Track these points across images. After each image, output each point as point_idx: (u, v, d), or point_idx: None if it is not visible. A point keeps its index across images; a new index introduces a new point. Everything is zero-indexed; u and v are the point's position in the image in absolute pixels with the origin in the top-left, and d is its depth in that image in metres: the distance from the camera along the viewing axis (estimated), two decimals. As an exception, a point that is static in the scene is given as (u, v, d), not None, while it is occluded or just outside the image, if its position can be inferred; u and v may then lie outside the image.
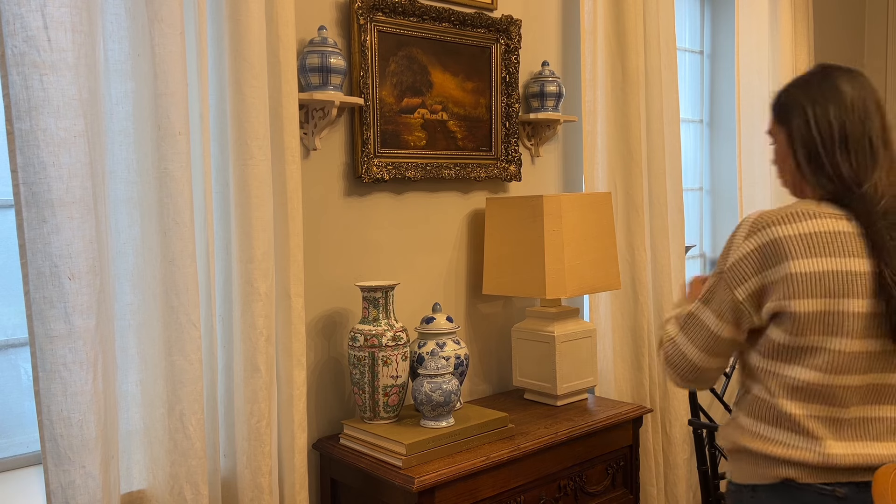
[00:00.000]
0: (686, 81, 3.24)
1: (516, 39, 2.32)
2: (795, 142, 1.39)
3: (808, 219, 1.32)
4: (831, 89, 1.38)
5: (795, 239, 1.30)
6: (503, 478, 1.82)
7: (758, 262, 1.32)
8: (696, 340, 1.40)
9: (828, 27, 3.67)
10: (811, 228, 1.31)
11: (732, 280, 1.35)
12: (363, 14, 1.99)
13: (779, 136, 1.45)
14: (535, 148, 2.48)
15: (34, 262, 1.32)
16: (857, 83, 1.39)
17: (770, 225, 1.32)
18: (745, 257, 1.33)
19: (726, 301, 1.36)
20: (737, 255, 1.34)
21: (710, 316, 1.38)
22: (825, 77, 1.41)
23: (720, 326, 1.37)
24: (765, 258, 1.32)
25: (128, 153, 1.51)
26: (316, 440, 1.96)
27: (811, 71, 1.45)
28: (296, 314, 1.77)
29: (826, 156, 1.35)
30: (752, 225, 1.35)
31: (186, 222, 1.52)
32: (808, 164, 1.37)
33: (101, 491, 1.38)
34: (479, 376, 2.34)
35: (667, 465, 2.65)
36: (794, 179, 1.44)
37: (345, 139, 2.04)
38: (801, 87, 1.41)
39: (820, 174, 1.36)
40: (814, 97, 1.38)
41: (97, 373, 1.38)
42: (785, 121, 1.41)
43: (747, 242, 1.34)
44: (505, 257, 2.15)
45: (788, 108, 1.41)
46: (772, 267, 1.31)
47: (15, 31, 1.28)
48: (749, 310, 1.35)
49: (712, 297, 1.38)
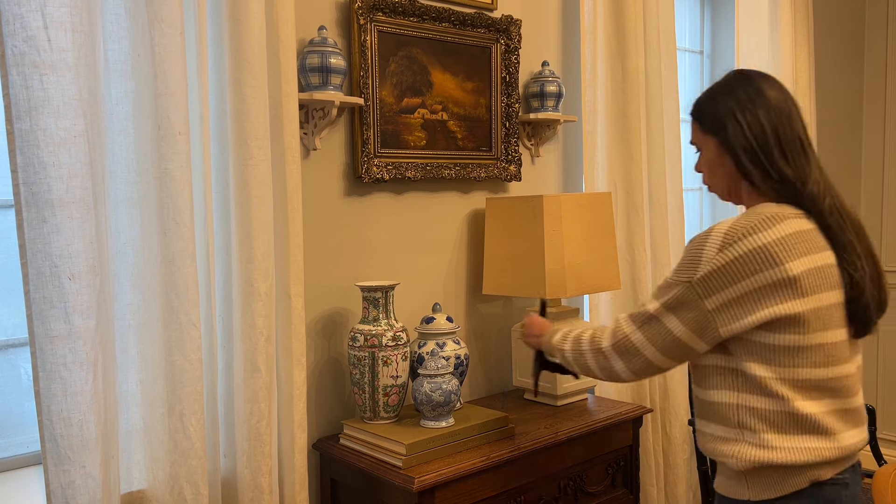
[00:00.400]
0: (686, 81, 3.24)
1: (516, 39, 2.32)
2: (733, 148, 1.42)
3: (780, 221, 1.34)
4: (757, 94, 1.41)
5: (781, 242, 1.32)
6: (503, 478, 1.82)
7: (736, 272, 1.32)
8: (656, 342, 1.41)
9: (828, 27, 3.67)
10: (789, 229, 1.34)
11: (704, 291, 1.34)
12: (363, 14, 1.99)
13: (707, 145, 1.47)
14: (535, 148, 2.48)
15: (34, 262, 1.32)
16: (776, 86, 1.44)
17: (748, 234, 1.33)
18: (719, 269, 1.33)
19: (693, 311, 1.36)
20: (709, 268, 1.34)
21: (674, 322, 1.38)
22: (748, 82, 1.44)
23: (683, 333, 1.38)
24: (746, 267, 1.32)
25: (128, 153, 1.51)
26: (316, 440, 1.96)
27: (730, 78, 1.48)
28: (296, 314, 1.77)
29: (766, 159, 1.39)
30: (724, 237, 1.34)
31: (186, 222, 1.52)
32: (753, 166, 1.40)
33: (101, 491, 1.38)
34: (479, 376, 2.34)
35: (667, 465, 2.65)
36: (728, 185, 1.47)
37: (345, 139, 2.04)
38: (726, 94, 1.44)
39: (766, 177, 1.39)
40: (742, 103, 1.41)
41: (97, 373, 1.38)
42: (715, 129, 1.44)
43: (722, 255, 1.33)
44: (505, 257, 2.15)
45: (718, 116, 1.43)
46: (757, 273, 1.32)
47: (15, 31, 1.28)
48: (717, 321, 1.35)
49: (678, 305, 1.37)
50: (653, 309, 1.41)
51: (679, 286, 1.37)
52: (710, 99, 1.47)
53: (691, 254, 1.38)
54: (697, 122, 1.50)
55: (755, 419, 1.36)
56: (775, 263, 1.31)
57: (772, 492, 1.37)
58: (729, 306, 1.33)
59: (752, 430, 1.37)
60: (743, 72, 1.49)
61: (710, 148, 1.47)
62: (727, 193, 1.50)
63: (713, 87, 1.50)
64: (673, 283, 1.39)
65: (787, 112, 1.42)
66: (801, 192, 1.38)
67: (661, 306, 1.40)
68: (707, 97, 1.48)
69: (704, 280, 1.34)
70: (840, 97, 3.83)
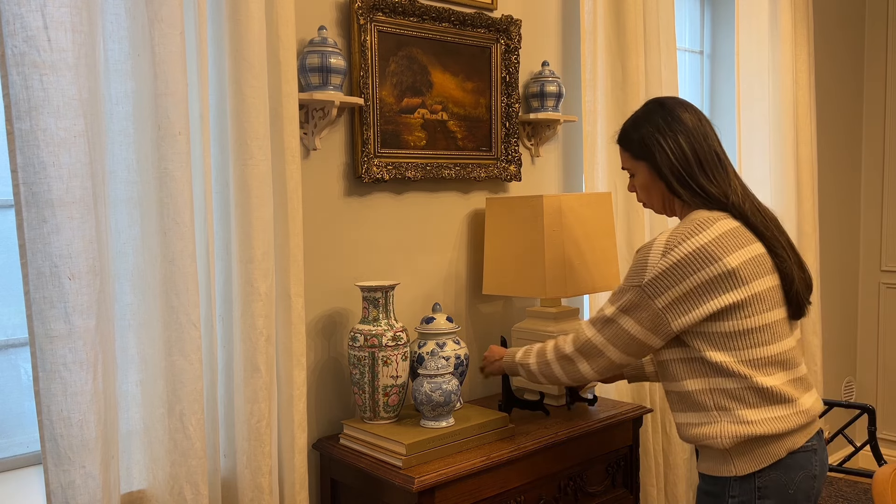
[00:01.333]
0: (686, 81, 3.24)
1: (516, 39, 2.32)
2: (662, 172, 1.62)
3: (713, 223, 1.54)
4: (676, 120, 1.62)
5: (717, 241, 1.51)
6: (503, 478, 1.82)
7: (680, 273, 1.50)
8: (616, 343, 1.59)
9: (828, 27, 3.67)
10: (721, 229, 1.53)
11: (653, 292, 1.52)
12: (363, 14, 1.99)
13: (640, 170, 1.67)
14: (535, 148, 2.48)
15: (34, 262, 1.32)
16: (691, 109, 1.65)
17: (685, 239, 1.51)
18: (664, 272, 1.51)
19: (646, 311, 1.53)
20: (655, 272, 1.52)
21: (630, 323, 1.56)
22: (667, 110, 1.64)
23: (639, 332, 1.55)
24: (688, 267, 1.49)
25: (128, 153, 1.51)
26: (316, 440, 1.97)
27: (650, 108, 1.67)
28: (296, 314, 1.78)
29: (690, 178, 1.60)
30: (665, 245, 1.52)
31: (186, 222, 1.52)
32: (682, 188, 1.60)
33: (101, 491, 1.38)
34: (479, 376, 2.34)
35: (667, 465, 2.65)
36: (662, 202, 1.68)
37: (345, 139, 2.04)
38: (649, 123, 1.64)
39: (694, 195, 1.60)
40: (663, 130, 1.61)
41: (97, 373, 1.38)
42: (644, 156, 1.64)
43: (665, 259, 1.51)
44: (505, 257, 2.15)
45: (644, 144, 1.63)
46: (699, 271, 1.49)
47: (15, 31, 1.28)
48: (668, 317, 1.52)
49: (631, 307, 1.55)
50: (609, 313, 1.59)
51: (630, 290, 1.55)
52: (635, 129, 1.66)
53: (638, 262, 1.56)
54: (626, 149, 1.69)
55: (727, 399, 1.53)
56: (714, 260, 1.49)
57: (755, 464, 1.53)
58: (677, 303, 1.51)
59: (727, 410, 1.53)
60: (659, 100, 1.68)
61: (642, 172, 1.67)
62: (662, 209, 1.70)
63: (636, 116, 1.69)
64: (625, 288, 1.57)
65: (702, 132, 1.62)
66: (725, 204, 1.58)
67: (616, 310, 1.58)
68: (633, 128, 1.67)
69: (652, 283, 1.52)
70: (840, 97, 3.83)
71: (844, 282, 3.98)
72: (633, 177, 1.71)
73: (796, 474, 1.55)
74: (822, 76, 3.61)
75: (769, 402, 1.52)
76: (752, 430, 1.50)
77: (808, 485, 1.57)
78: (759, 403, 1.52)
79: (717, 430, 1.53)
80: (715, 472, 1.57)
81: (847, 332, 4.03)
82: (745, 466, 1.53)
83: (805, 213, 3.25)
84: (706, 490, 1.61)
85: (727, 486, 1.55)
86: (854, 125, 3.97)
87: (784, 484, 1.54)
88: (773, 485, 1.53)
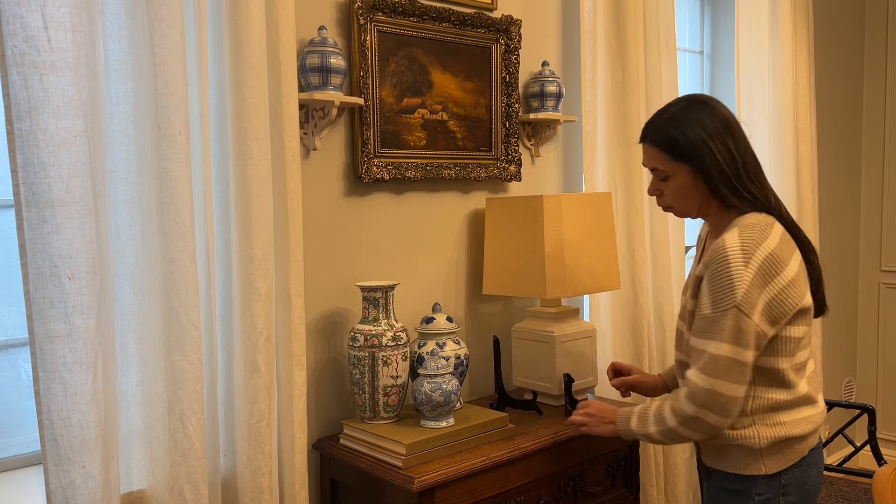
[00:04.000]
0: (686, 81, 3.24)
1: (516, 39, 2.32)
2: (710, 175, 1.53)
3: (772, 227, 1.52)
4: (723, 122, 1.54)
5: (780, 245, 1.50)
6: (503, 478, 1.82)
7: (761, 281, 1.45)
8: (740, 379, 1.48)
9: (828, 27, 3.67)
10: (779, 233, 1.52)
11: (749, 308, 1.45)
12: (363, 14, 1.99)
13: (679, 172, 1.56)
14: (535, 148, 2.48)
15: (34, 262, 1.32)
16: (727, 108, 1.58)
17: (759, 244, 1.47)
18: (751, 283, 1.45)
19: (751, 331, 1.46)
20: (745, 285, 1.44)
21: (740, 352, 1.46)
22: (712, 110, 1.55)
23: (751, 356, 1.48)
24: (766, 274, 1.46)
25: (128, 153, 1.51)
26: (316, 440, 1.97)
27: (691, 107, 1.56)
28: (296, 314, 1.77)
29: (738, 183, 1.54)
30: (742, 252, 1.46)
31: (186, 222, 1.52)
32: (730, 192, 1.54)
33: (101, 491, 1.38)
34: (479, 376, 2.34)
35: (667, 465, 2.65)
36: (700, 206, 1.60)
37: (345, 139, 2.04)
38: (696, 124, 1.53)
39: (741, 199, 1.54)
40: (712, 132, 1.53)
41: (97, 373, 1.38)
42: (689, 158, 1.54)
43: (748, 269, 1.45)
44: (505, 257, 2.15)
45: (691, 146, 1.53)
46: (774, 277, 1.46)
47: (15, 31, 1.28)
48: (763, 330, 1.47)
49: (737, 333, 1.45)
50: (720, 352, 1.47)
51: (726, 315, 1.45)
52: (678, 128, 1.55)
53: (720, 280, 1.46)
54: (665, 151, 1.56)
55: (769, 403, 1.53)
56: (783, 265, 1.47)
57: (783, 463, 1.55)
58: (766, 312, 1.46)
59: (765, 413, 1.54)
60: (700, 98, 1.59)
61: (682, 175, 1.57)
62: (696, 213, 1.63)
63: (673, 115, 1.57)
64: (719, 314, 1.46)
65: (742, 133, 1.57)
66: (769, 207, 1.56)
67: (725, 345, 1.46)
68: (674, 126, 1.55)
69: (746, 298, 1.44)
70: (840, 97, 3.83)
71: (844, 282, 3.98)
72: (664, 179, 1.60)
73: (812, 470, 1.59)
74: (822, 76, 3.60)
75: (801, 404, 1.55)
76: (787, 431, 1.53)
77: (818, 479, 1.61)
78: (794, 405, 1.55)
79: (752, 431, 1.54)
80: (743, 470, 1.57)
81: (847, 332, 4.03)
82: (775, 465, 1.55)
83: (805, 212, 3.25)
84: (729, 488, 1.59)
85: (755, 484, 1.56)
86: (854, 125, 3.96)
87: (803, 480, 1.57)
88: (795, 481, 1.56)
